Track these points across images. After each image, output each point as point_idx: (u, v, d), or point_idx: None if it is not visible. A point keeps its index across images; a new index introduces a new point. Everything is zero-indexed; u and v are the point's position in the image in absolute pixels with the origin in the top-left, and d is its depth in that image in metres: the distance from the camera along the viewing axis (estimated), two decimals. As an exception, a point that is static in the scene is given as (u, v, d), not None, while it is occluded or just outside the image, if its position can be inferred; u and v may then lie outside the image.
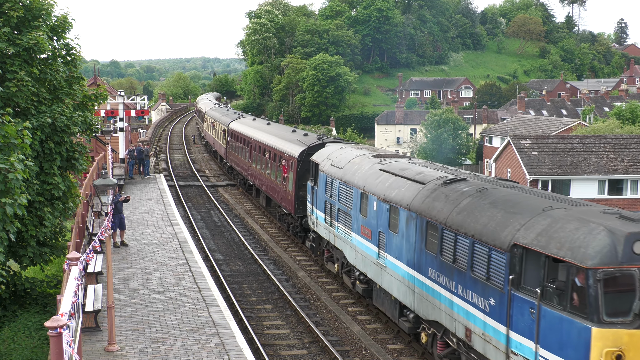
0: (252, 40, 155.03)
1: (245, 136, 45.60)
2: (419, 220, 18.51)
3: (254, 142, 42.19)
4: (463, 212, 16.67)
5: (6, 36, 20.53)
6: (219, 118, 60.36)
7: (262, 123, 48.26)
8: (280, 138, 37.47)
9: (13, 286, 22.15)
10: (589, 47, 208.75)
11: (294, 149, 33.43)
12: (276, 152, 36.30)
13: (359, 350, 20.98)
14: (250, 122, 49.37)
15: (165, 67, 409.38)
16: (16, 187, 15.33)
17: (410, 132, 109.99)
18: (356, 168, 24.23)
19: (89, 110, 23.99)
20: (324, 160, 27.76)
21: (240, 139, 47.52)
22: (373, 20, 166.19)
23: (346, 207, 24.37)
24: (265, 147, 39.15)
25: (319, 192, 27.71)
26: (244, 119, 53.42)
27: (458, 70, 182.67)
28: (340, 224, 25.10)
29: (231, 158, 51.51)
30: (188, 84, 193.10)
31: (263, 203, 41.90)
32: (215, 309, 20.60)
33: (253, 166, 42.30)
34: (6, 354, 18.33)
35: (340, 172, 25.34)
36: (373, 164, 23.42)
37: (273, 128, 43.56)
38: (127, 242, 28.41)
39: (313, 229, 29.40)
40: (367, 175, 22.99)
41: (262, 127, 44.52)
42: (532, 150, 54.90)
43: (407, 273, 19.32)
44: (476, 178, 19.19)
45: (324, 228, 27.32)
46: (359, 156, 25.33)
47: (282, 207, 35.09)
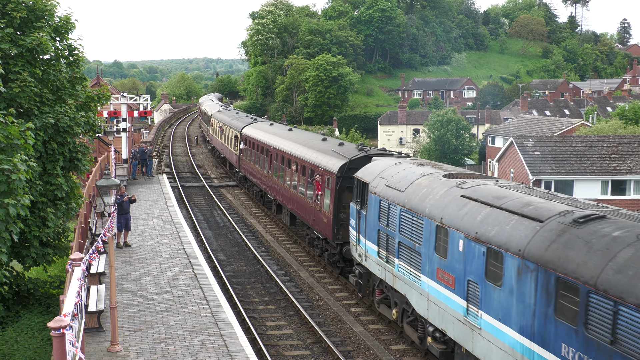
0: (254, 41, 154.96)
1: (263, 144, 40.63)
2: (542, 275, 13.59)
3: (276, 151, 37.28)
4: (626, 270, 11.73)
5: (9, 37, 20.57)
6: (229, 122, 55.09)
7: (281, 128, 43.17)
8: (311, 148, 32.31)
9: (16, 287, 22.20)
10: (591, 47, 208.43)
11: (331, 162, 28.20)
12: (306, 164, 31.23)
13: (361, 350, 20.97)
14: (267, 128, 44.31)
15: (168, 68, 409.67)
16: (19, 188, 15.36)
17: (413, 133, 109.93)
18: (425, 192, 19.28)
19: (92, 111, 24.05)
20: (375, 179, 22.72)
21: (256, 146, 42.53)
22: (376, 21, 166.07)
23: (412, 242, 19.39)
24: (291, 157, 34.07)
25: (370, 218, 22.60)
26: (259, 123, 48.32)
27: (461, 70, 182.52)
28: (403, 261, 20.10)
29: (245, 167, 46.52)
30: (191, 84, 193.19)
31: (286, 221, 36.19)
32: (218, 310, 20.60)
33: (274, 179, 37.52)
34: (9, 354, 18.35)
35: (401, 195, 20.34)
36: (449, 188, 18.49)
37: (298, 135, 38.32)
38: (130, 242, 28.43)
39: (359, 261, 24.13)
40: (443, 203, 18.03)
41: (283, 134, 39.43)
42: (535, 151, 54.85)
43: (520, 344, 14.33)
44: (618, 215, 14.01)
45: (377, 264, 22.22)
46: (424, 176, 20.45)
47: (315, 231, 29.72)
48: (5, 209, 14.92)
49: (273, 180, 37.77)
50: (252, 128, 46.28)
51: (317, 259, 31.15)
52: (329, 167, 28.18)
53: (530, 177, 52.64)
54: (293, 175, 33.53)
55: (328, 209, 27.49)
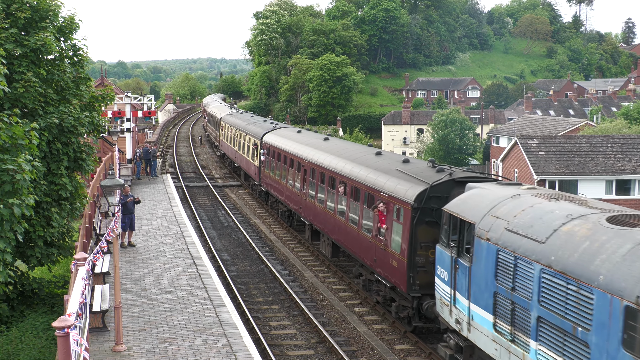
0: (258, 41, 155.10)
1: (293, 155, 34.59)
2: None
3: (311, 166, 31.31)
4: None
5: (14, 37, 20.60)
6: (246, 128, 48.50)
7: (314, 137, 36.37)
8: (365, 166, 25.63)
9: (21, 286, 22.23)
10: (596, 47, 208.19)
11: (403, 187, 21.64)
12: (361, 186, 24.79)
13: (365, 350, 20.97)
14: (294, 136, 37.95)
15: (172, 68, 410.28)
16: (24, 188, 15.39)
17: (417, 133, 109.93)
18: (587, 247, 13.06)
19: (96, 111, 24.07)
20: (485, 218, 16.46)
21: (283, 158, 36.48)
22: (380, 21, 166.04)
23: (568, 323, 12.98)
24: (336, 175, 27.76)
25: (478, 273, 16.36)
26: (283, 129, 41.87)
27: (465, 70, 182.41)
28: (549, 348, 13.67)
29: (268, 182, 40.10)
30: (195, 84, 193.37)
31: (326, 252, 30.05)
32: (222, 310, 20.61)
33: (310, 200, 31.39)
34: (14, 353, 18.38)
35: (540, 248, 14.16)
36: (636, 246, 12.21)
37: (338, 146, 31.78)
38: (135, 242, 28.46)
39: (455, 329, 17.90)
40: (636, 270, 11.69)
41: (319, 144, 33.14)
42: (539, 151, 54.80)
43: None
44: None
45: (491, 340, 15.98)
46: (574, 219, 14.22)
47: (378, 274, 23.14)
48: (10, 209, 14.95)
49: (308, 201, 31.51)
50: (275, 136, 40.12)
51: (320, 258, 31.12)
52: (399, 193, 21.63)
53: (534, 177, 52.59)
54: (340, 199, 27.20)
55: (399, 250, 21.24)
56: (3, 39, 19.86)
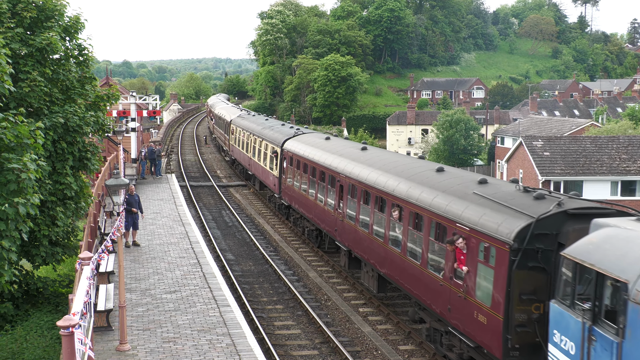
0: (263, 41, 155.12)
1: (325, 168, 29.50)
2: None
3: (349, 181, 26.30)
4: None
5: (19, 37, 20.65)
6: (262, 133, 43.53)
7: (348, 146, 31.27)
8: (428, 186, 20.55)
9: (25, 285, 22.27)
10: (601, 47, 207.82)
11: (494, 221, 16.43)
12: (426, 213, 19.67)
13: (369, 351, 20.95)
14: (323, 144, 32.86)
15: (177, 68, 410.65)
16: (29, 187, 15.41)
17: (421, 133, 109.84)
18: None
19: (101, 111, 24.11)
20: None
21: (312, 170, 31.54)
22: (385, 21, 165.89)
23: None
24: (387, 196, 22.55)
25: (636, 353, 11.63)
26: (307, 136, 36.84)
27: (470, 70, 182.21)
28: None
29: (291, 195, 35.27)
30: (200, 84, 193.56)
31: (370, 286, 24.94)
32: (227, 309, 20.62)
33: (347, 222, 26.53)
34: (19, 352, 18.43)
35: None
36: None
37: (383, 157, 26.51)
38: (139, 242, 28.48)
39: None
40: None
41: (357, 155, 27.85)
42: (544, 151, 54.73)
43: None
44: None
45: None
46: None
47: (454, 327, 18.17)
48: (15, 208, 14.97)
49: (347, 223, 26.63)
50: (298, 143, 35.29)
51: (325, 258, 31.11)
52: (488, 228, 16.44)
53: (539, 178, 52.52)
54: (393, 225, 22.14)
55: (489, 302, 16.30)
56: (9, 39, 19.89)
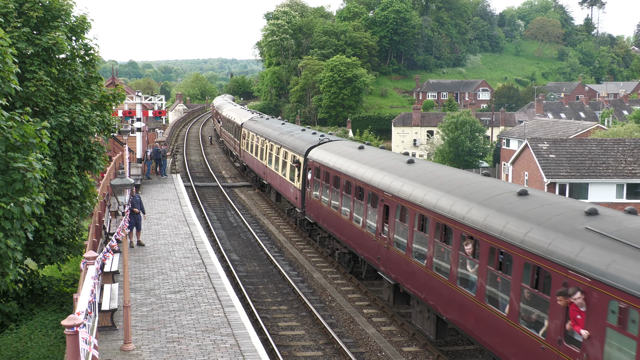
0: (269, 42, 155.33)
1: (364, 184, 25.09)
2: None
3: (399, 202, 22.01)
4: None
5: (26, 36, 20.69)
6: (279, 139, 39.71)
7: (389, 157, 26.70)
8: (514, 216, 16.27)
9: (30, 284, 22.31)
10: (608, 49, 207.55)
11: (631, 272, 12.41)
12: (517, 252, 15.43)
13: (374, 352, 20.93)
14: (357, 154, 28.39)
15: (182, 68, 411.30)
16: (34, 186, 15.43)
17: (427, 134, 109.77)
18: None
19: (107, 110, 24.14)
20: None
21: (345, 185, 27.28)
22: (390, 22, 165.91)
23: None
24: (453, 224, 18.36)
25: None
26: (335, 144, 32.39)
27: (476, 72, 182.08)
28: None
29: (317, 211, 31.18)
30: (205, 84, 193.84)
31: (427, 329, 20.87)
32: (231, 310, 20.62)
33: (394, 250, 22.34)
34: (23, 351, 18.44)
35: None
36: None
37: (437, 173, 22.24)
38: (144, 242, 28.50)
39: None
40: None
41: (404, 170, 23.46)
42: (549, 154, 54.62)
43: None
44: None
45: None
46: None
47: None
48: (21, 207, 14.99)
49: (394, 252, 22.42)
50: (326, 152, 31.18)
51: (329, 259, 31.10)
52: (629, 283, 12.27)
53: (544, 180, 52.42)
54: (464, 262, 17.91)
55: None
56: (15, 38, 19.94)
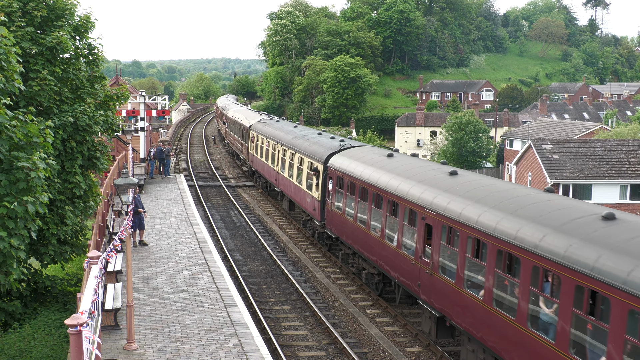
0: (273, 41, 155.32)
1: (400, 198, 22.05)
2: None
3: (447, 222, 18.75)
4: None
5: (30, 35, 20.71)
6: (293, 143, 37.07)
7: (425, 166, 23.70)
8: (624, 254, 12.86)
9: (34, 284, 22.34)
10: (612, 50, 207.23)
11: None
12: (624, 299, 12.10)
13: (376, 352, 20.93)
14: (386, 162, 25.34)
15: (186, 68, 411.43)
16: (38, 186, 15.45)
17: (430, 135, 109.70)
18: None
19: (111, 110, 24.16)
20: None
21: (376, 198, 24.20)
22: (394, 22, 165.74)
23: None
24: (526, 256, 15.12)
25: None
26: (359, 150, 29.45)
27: (479, 72, 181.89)
28: None
29: (341, 225, 28.21)
30: (209, 84, 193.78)
31: None
32: (234, 309, 20.63)
33: (440, 278, 19.14)
34: (26, 350, 18.46)
35: None
36: None
37: (482, 185, 19.31)
38: (147, 241, 28.51)
39: None
40: None
41: (447, 184, 20.30)
42: (553, 154, 54.55)
43: None
44: None
45: None
46: None
47: None
48: (24, 207, 15.00)
49: (439, 280, 19.17)
50: (349, 160, 28.20)
51: (332, 259, 31.09)
52: None
53: (548, 181, 52.34)
54: (536, 298, 14.94)
55: None
56: (19, 37, 19.95)
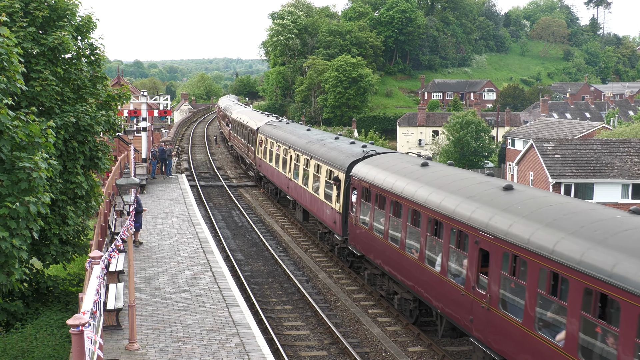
0: (274, 41, 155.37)
1: (439, 215, 19.27)
2: None
3: (505, 247, 15.95)
4: None
5: (31, 36, 20.72)
6: (310, 149, 33.56)
7: (469, 178, 20.45)
8: None
9: (36, 284, 22.35)
10: (613, 50, 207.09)
11: None
12: None
13: (378, 352, 20.92)
14: (418, 172, 22.43)
15: (188, 68, 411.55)
16: (40, 186, 15.45)
17: (432, 134, 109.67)
18: None
19: (112, 110, 24.16)
20: None
21: (409, 213, 21.33)
22: (396, 22, 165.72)
23: None
24: (630, 299, 11.73)
25: None
26: (384, 157, 26.16)
27: (481, 72, 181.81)
28: None
29: (367, 242, 25.03)
30: (210, 84, 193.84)
31: None
32: (236, 309, 20.63)
33: (502, 315, 16.08)
34: (28, 351, 18.47)
35: None
36: None
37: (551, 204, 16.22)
38: (141, 240, 28.48)
39: None
40: None
41: (501, 200, 17.51)
42: (555, 154, 54.52)
43: None
44: None
45: None
46: None
47: None
48: (26, 207, 15.01)
49: (498, 316, 16.24)
50: (376, 169, 24.65)
51: (334, 259, 31.10)
52: None
53: (550, 180, 52.31)
54: None
55: None
56: (21, 38, 19.96)
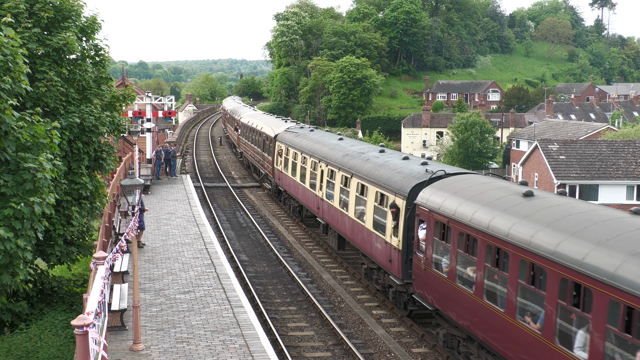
0: (279, 42, 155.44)
1: (592, 283, 12.59)
2: None
3: None
4: None
5: (36, 37, 20.75)
6: (349, 165, 28.00)
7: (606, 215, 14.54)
8: None
9: (40, 284, 22.38)
10: (618, 51, 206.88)
11: None
12: None
13: (383, 353, 20.90)
14: (524, 206, 16.47)
15: (192, 69, 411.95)
16: (44, 187, 15.46)
17: (436, 135, 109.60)
18: None
19: (117, 111, 24.20)
20: None
21: (529, 272, 14.86)
22: (400, 23, 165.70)
23: None
24: None
25: None
26: (461, 179, 20.63)
27: (485, 73, 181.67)
28: None
29: (443, 291, 19.28)
30: (215, 85, 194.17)
31: None
32: (240, 310, 20.62)
33: None
34: (33, 351, 18.50)
35: None
36: None
37: None
38: (144, 242, 28.49)
39: None
40: None
41: None
42: (559, 155, 54.44)
43: None
44: None
45: None
46: None
47: None
48: (31, 207, 15.02)
49: None
50: (454, 197, 19.22)
51: (339, 260, 31.08)
52: None
53: (554, 182, 52.24)
54: None
55: None
56: (26, 38, 19.99)
